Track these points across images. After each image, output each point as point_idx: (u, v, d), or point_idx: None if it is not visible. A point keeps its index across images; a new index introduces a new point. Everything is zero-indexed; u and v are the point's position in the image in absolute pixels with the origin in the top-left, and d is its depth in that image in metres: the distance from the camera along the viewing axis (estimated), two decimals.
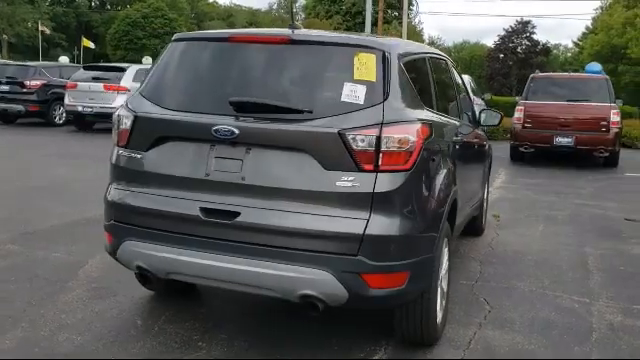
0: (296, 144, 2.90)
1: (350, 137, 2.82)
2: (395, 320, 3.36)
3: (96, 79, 15.13)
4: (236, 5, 66.08)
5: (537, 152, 11.83)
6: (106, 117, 15.23)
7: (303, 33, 3.34)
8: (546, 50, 50.81)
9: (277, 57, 3.15)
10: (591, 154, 11.39)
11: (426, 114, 3.31)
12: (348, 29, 39.73)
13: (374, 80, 2.97)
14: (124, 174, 3.28)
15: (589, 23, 54.04)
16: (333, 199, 2.84)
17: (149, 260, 3.15)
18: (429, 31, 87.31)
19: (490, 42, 73.71)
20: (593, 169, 11.44)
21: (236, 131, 2.92)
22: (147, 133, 3.19)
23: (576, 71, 18.22)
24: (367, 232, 2.81)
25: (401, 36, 28.22)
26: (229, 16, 65.17)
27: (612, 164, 11.35)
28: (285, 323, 3.75)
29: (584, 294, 4.45)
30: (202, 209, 3.00)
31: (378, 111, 2.90)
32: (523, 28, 49.96)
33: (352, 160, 2.83)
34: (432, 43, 39.69)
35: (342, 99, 2.92)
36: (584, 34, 55.84)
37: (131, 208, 3.21)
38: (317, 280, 2.83)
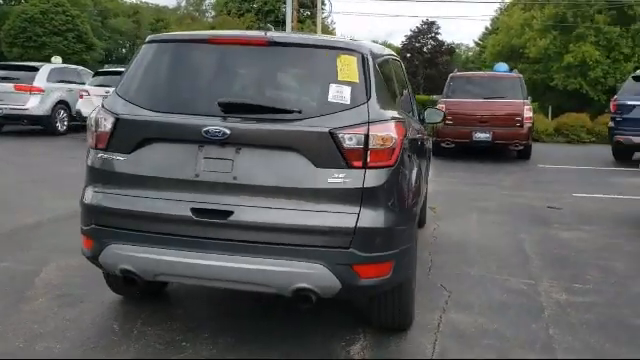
0: (287, 143, 3.01)
1: (340, 136, 2.96)
2: (373, 308, 3.53)
3: (5, 79, 14.30)
4: (142, 2, 63.98)
5: (457, 147, 12.47)
6: (17, 119, 14.46)
7: (283, 35, 3.44)
8: (450, 50, 53.09)
9: (259, 59, 3.24)
10: (507, 148, 12.17)
11: (398, 112, 3.51)
12: (260, 28, 39.70)
13: (357, 81, 3.12)
14: (105, 177, 3.24)
15: (488, 24, 57.34)
16: (325, 195, 2.98)
17: (136, 263, 3.14)
18: (341, 30, 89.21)
19: (397, 42, 76.13)
20: (509, 162, 12.24)
21: (227, 132, 2.98)
22: (130, 135, 3.18)
23: (479, 69, 19.25)
24: (358, 225, 2.97)
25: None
26: (135, 13, 63.05)
27: (525, 157, 12.19)
28: (265, 318, 3.83)
29: (528, 276, 4.83)
30: (193, 209, 3.04)
31: (363, 110, 3.06)
32: (428, 29, 51.98)
33: (342, 158, 2.97)
34: None
35: (329, 99, 3.05)
36: (484, 34, 59.05)
37: (115, 211, 3.19)
38: (312, 273, 2.96)
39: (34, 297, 4.06)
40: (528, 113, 11.72)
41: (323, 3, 33.46)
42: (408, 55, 52.36)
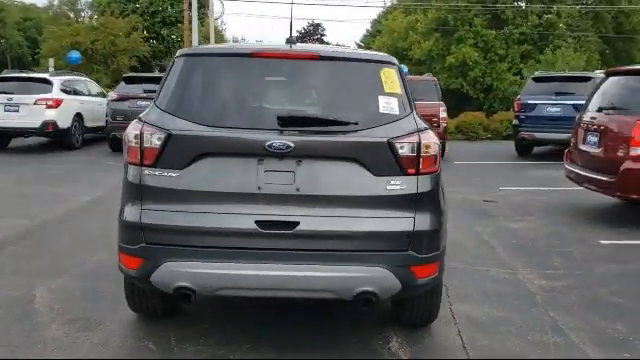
0: (347, 154, 3.15)
1: (397, 145, 3.15)
2: (406, 307, 3.74)
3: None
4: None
5: None
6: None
7: (330, 50, 3.56)
8: None
9: (307, 73, 3.34)
10: None
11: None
12: (147, 29, 38.46)
13: (400, 92, 3.33)
14: (154, 194, 3.18)
15: (369, 27, 59.57)
16: (385, 202, 3.15)
17: (195, 279, 3.12)
18: (232, 32, 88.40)
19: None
20: None
21: (291, 145, 3.06)
22: (184, 151, 3.15)
23: None
24: (415, 229, 3.18)
25: (208, 37, 28.25)
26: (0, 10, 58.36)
27: (441, 154, 12.92)
28: (297, 326, 3.91)
29: (504, 266, 5.28)
30: (258, 222, 3.08)
31: (411, 120, 3.27)
32: (314, 30, 53.07)
33: (398, 165, 3.16)
34: (236, 42, 40.17)
35: (381, 111, 3.23)
36: (365, 36, 61.28)
37: (170, 228, 3.15)
38: (375, 277, 3.12)
39: (46, 324, 3.85)
40: (443, 114, 12.48)
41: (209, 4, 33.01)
42: None
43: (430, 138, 3.29)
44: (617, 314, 4.18)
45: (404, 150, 3.17)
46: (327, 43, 53.44)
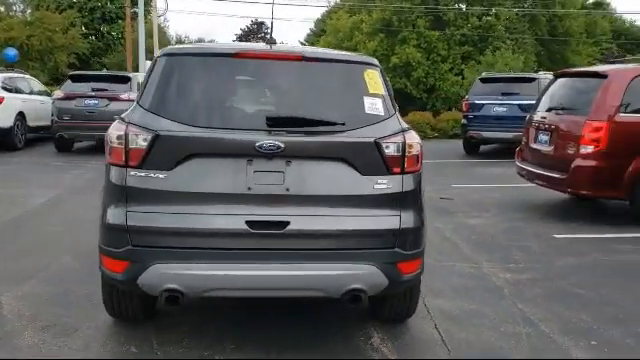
0: (335, 154, 3.20)
1: (384, 145, 3.22)
2: (386, 304, 3.82)
3: None
4: None
5: None
6: None
7: (313, 51, 3.58)
8: None
9: (291, 73, 3.36)
10: None
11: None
12: (86, 25, 37.33)
13: (383, 93, 3.40)
14: (140, 196, 3.13)
15: (313, 26, 59.85)
16: (372, 200, 3.22)
17: (184, 281, 3.10)
18: (175, 29, 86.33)
19: (223, 41, 75.89)
20: None
21: (282, 145, 3.09)
22: (172, 152, 3.12)
23: None
24: (401, 226, 3.26)
25: (151, 34, 27.71)
26: None
27: None
28: (280, 325, 3.93)
29: (469, 261, 5.46)
30: (249, 222, 3.09)
31: (395, 120, 3.36)
32: (258, 28, 52.81)
33: (385, 165, 3.24)
34: (180, 41, 39.45)
35: (366, 111, 3.29)
36: (308, 35, 61.54)
37: (158, 230, 3.11)
38: (364, 274, 3.19)
39: (18, 331, 3.72)
40: None
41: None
42: None
43: (414, 138, 3.38)
44: (580, 304, 4.40)
45: (390, 150, 3.24)
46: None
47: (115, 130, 3.22)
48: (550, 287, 4.79)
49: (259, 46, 3.52)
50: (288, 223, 3.11)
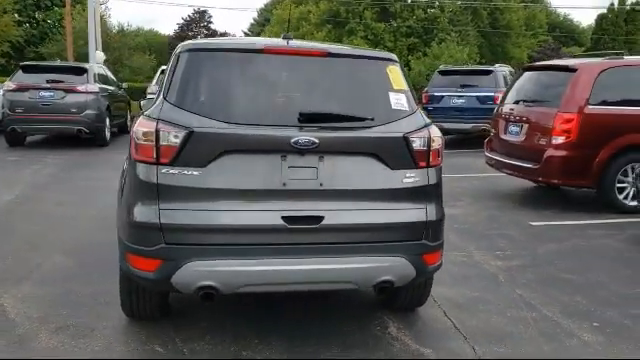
0: (366, 149, 3.26)
1: (412, 139, 3.30)
2: (401, 293, 3.92)
3: None
4: None
5: None
6: None
7: (336, 47, 3.61)
8: None
9: (319, 69, 3.38)
10: None
11: None
12: (19, 12, 35.72)
13: (406, 89, 3.48)
14: (174, 193, 3.09)
15: (256, 15, 59.42)
16: (401, 194, 3.30)
17: (220, 277, 3.10)
18: (117, 17, 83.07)
19: (166, 30, 74.24)
20: None
21: (316, 141, 3.11)
22: (206, 148, 3.09)
23: None
24: (427, 219, 3.36)
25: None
26: None
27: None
28: (294, 317, 3.97)
29: (459, 250, 5.62)
30: (285, 217, 3.11)
31: (419, 115, 3.44)
32: (200, 17, 51.86)
33: (412, 159, 3.32)
34: (122, 30, 38.25)
35: (393, 107, 3.36)
36: (252, 25, 61.03)
37: (193, 227, 3.08)
38: (394, 266, 3.27)
39: (32, 334, 3.61)
40: None
41: None
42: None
43: (437, 132, 3.48)
44: (572, 289, 4.64)
45: (417, 144, 3.33)
46: (214, 31, 52.60)
47: (143, 126, 3.17)
48: (541, 273, 5.02)
49: (279, 42, 3.51)
50: (323, 218, 3.15)
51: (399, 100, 3.40)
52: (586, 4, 71.40)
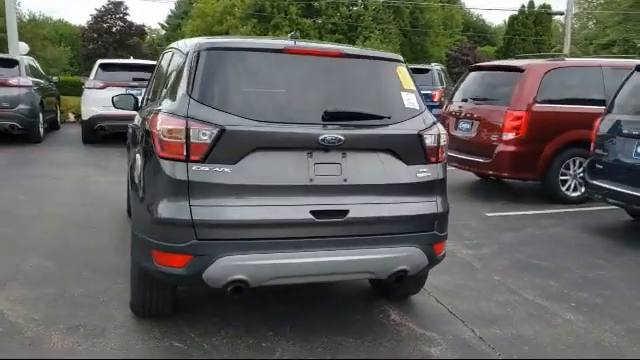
0: (384, 145, 3.43)
1: (425, 136, 3.51)
2: (402, 281, 4.11)
3: None
4: None
5: None
6: None
7: (348, 48, 3.74)
8: (142, 31, 52.01)
9: (335, 69, 3.51)
10: None
11: None
12: None
13: (414, 89, 3.69)
14: (205, 190, 3.14)
15: (174, 7, 58.06)
16: (415, 188, 3.51)
17: (251, 271, 3.18)
18: (27, 6, 77.57)
19: (78, 21, 70.79)
20: None
21: (342, 138, 3.25)
22: (237, 146, 3.16)
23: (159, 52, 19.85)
24: (438, 211, 3.59)
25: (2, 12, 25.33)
26: None
27: None
28: (307, 310, 4.09)
29: None
30: (313, 212, 3.23)
31: (428, 114, 3.66)
32: (116, 9, 49.98)
33: (424, 155, 3.53)
34: (34, 19, 36.28)
35: (405, 106, 3.55)
36: (170, 17, 59.62)
37: (225, 223, 3.14)
38: (410, 256, 3.48)
39: (43, 336, 3.52)
40: None
41: None
42: (95, 35, 49.73)
43: (443, 130, 3.71)
44: (543, 273, 5.04)
45: (429, 141, 3.54)
46: (130, 23, 50.87)
47: (169, 124, 3.18)
48: (510, 259, 5.40)
49: (287, 42, 3.59)
50: (347, 211, 3.30)
51: (410, 99, 3.60)
52: (497, 6, 75.27)
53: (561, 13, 28.81)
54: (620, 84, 6.39)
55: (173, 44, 4.51)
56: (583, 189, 7.61)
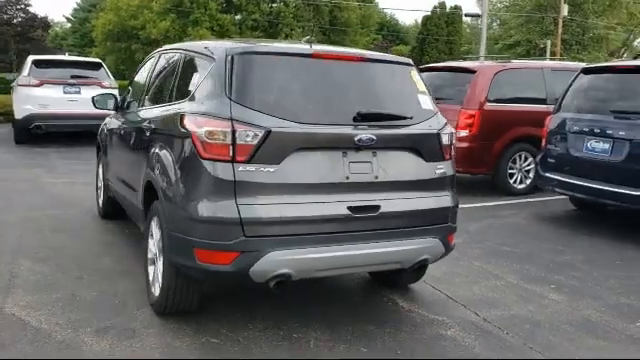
0: (408, 144, 3.69)
1: (442, 135, 3.80)
2: (406, 272, 4.39)
3: None
4: None
5: None
6: None
7: (365, 52, 3.95)
8: (45, 24, 49.38)
9: (358, 72, 3.72)
10: None
11: None
12: None
13: (427, 91, 3.97)
14: (251, 189, 3.27)
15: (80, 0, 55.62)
16: (435, 183, 3.79)
17: (295, 265, 3.34)
18: None
19: None
20: None
21: (375, 138, 3.47)
22: (281, 147, 3.30)
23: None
24: (452, 204, 3.89)
25: None
26: None
27: None
28: (320, 303, 4.28)
29: None
30: (350, 207, 3.43)
31: (440, 115, 3.95)
32: (17, 0, 47.16)
33: (441, 153, 3.82)
34: None
35: (423, 107, 3.82)
36: (75, 10, 57.02)
37: (272, 220, 3.28)
38: (432, 247, 3.76)
39: (76, 339, 3.50)
40: None
41: None
42: None
43: (453, 129, 4.02)
44: (517, 259, 5.49)
45: (444, 139, 3.84)
46: (34, 15, 48.16)
47: (213, 126, 3.28)
48: (483, 247, 5.83)
49: (304, 46, 3.76)
50: (379, 207, 3.53)
51: (425, 101, 3.88)
52: (409, 6, 77.91)
53: (478, 15, 30.36)
54: (567, 85, 7.00)
55: (178, 45, 4.57)
56: (529, 182, 8.28)
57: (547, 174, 6.87)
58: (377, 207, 3.53)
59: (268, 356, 3.43)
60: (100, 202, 6.40)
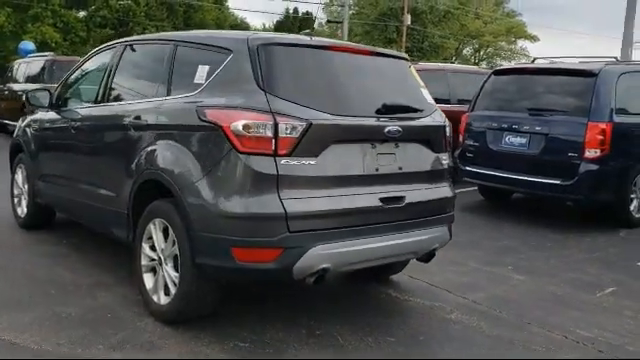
0: (423, 136, 3.81)
1: (447, 128, 3.96)
2: (394, 265, 4.49)
3: None
4: None
5: None
6: None
7: (369, 47, 3.97)
8: None
9: (370, 66, 3.76)
10: None
11: None
12: None
13: (425, 85, 4.11)
14: (294, 183, 3.16)
15: None
16: (442, 173, 3.95)
17: (336, 259, 3.30)
18: None
19: None
20: None
21: (401, 130, 3.53)
22: (320, 139, 3.24)
23: None
24: (454, 193, 4.07)
25: None
26: None
27: None
28: (320, 301, 4.23)
29: None
30: (381, 199, 3.46)
31: (438, 108, 4.10)
32: None
33: (445, 144, 3.98)
34: None
35: (428, 101, 3.96)
36: None
37: (314, 214, 3.20)
38: (443, 235, 3.92)
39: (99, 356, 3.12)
40: None
41: None
42: None
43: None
44: (467, 246, 5.79)
45: (447, 132, 4.01)
46: None
47: (252, 119, 3.13)
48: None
49: (305, 38, 3.72)
50: (404, 197, 3.59)
51: (427, 95, 4.02)
52: (259, 9, 79.05)
53: (340, 22, 31.37)
54: (480, 86, 7.58)
55: (158, 36, 4.31)
56: None
57: (467, 167, 7.38)
58: (403, 198, 3.59)
59: (306, 356, 3.34)
60: (20, 211, 5.68)
